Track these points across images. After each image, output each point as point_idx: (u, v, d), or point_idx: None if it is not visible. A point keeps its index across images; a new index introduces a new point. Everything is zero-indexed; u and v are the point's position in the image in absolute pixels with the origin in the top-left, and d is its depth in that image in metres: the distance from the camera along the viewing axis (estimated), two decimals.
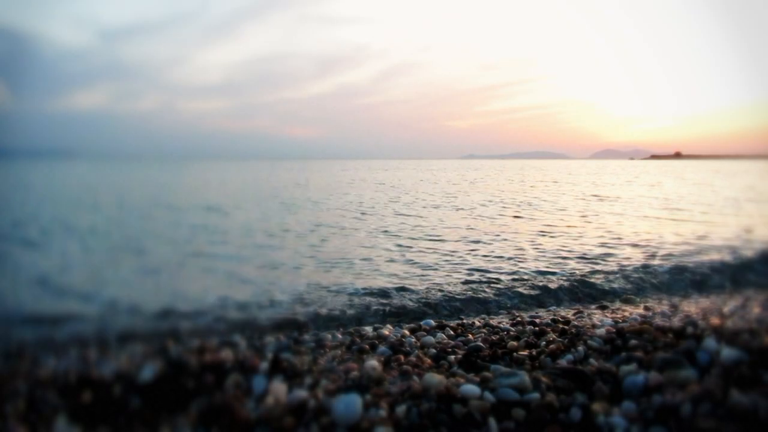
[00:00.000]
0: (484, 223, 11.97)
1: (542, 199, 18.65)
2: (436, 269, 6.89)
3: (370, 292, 5.61)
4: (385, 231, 10.49)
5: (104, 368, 2.79)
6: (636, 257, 7.62)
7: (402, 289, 5.77)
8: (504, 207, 15.99)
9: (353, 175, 43.38)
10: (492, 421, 2.23)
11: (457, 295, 5.57)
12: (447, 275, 6.53)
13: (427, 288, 5.82)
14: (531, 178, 39.30)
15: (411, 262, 7.35)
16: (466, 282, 6.15)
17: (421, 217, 13.08)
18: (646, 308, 4.92)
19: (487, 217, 13.01)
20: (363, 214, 13.90)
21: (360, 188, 24.97)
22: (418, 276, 6.48)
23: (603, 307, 5.19)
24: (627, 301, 5.55)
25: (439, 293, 5.60)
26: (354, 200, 17.90)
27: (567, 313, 4.89)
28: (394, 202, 17.79)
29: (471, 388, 2.49)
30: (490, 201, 18.19)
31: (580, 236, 9.79)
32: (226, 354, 2.99)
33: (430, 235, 9.93)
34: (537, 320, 4.44)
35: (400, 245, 8.77)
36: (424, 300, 5.37)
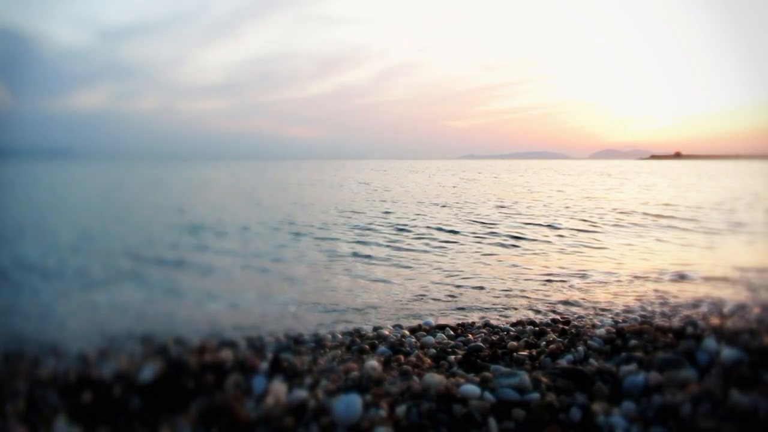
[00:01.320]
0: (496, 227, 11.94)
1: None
2: (434, 272, 6.89)
3: (369, 293, 5.62)
4: (377, 229, 10.49)
5: (104, 368, 2.79)
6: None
7: (401, 289, 5.77)
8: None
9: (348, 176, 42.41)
10: (492, 421, 2.23)
11: (457, 296, 5.57)
12: (447, 277, 6.53)
13: (426, 289, 5.82)
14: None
15: (407, 265, 7.35)
16: (466, 283, 6.15)
17: (418, 215, 13.08)
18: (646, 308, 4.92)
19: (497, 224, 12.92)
20: (353, 211, 13.89)
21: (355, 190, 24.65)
22: (417, 277, 6.48)
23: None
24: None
25: (438, 294, 5.60)
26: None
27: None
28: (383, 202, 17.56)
29: (471, 388, 2.49)
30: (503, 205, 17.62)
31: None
32: (226, 354, 3.00)
33: (423, 235, 9.93)
34: (537, 320, 4.45)
35: (394, 246, 8.77)
36: (422, 300, 5.36)
